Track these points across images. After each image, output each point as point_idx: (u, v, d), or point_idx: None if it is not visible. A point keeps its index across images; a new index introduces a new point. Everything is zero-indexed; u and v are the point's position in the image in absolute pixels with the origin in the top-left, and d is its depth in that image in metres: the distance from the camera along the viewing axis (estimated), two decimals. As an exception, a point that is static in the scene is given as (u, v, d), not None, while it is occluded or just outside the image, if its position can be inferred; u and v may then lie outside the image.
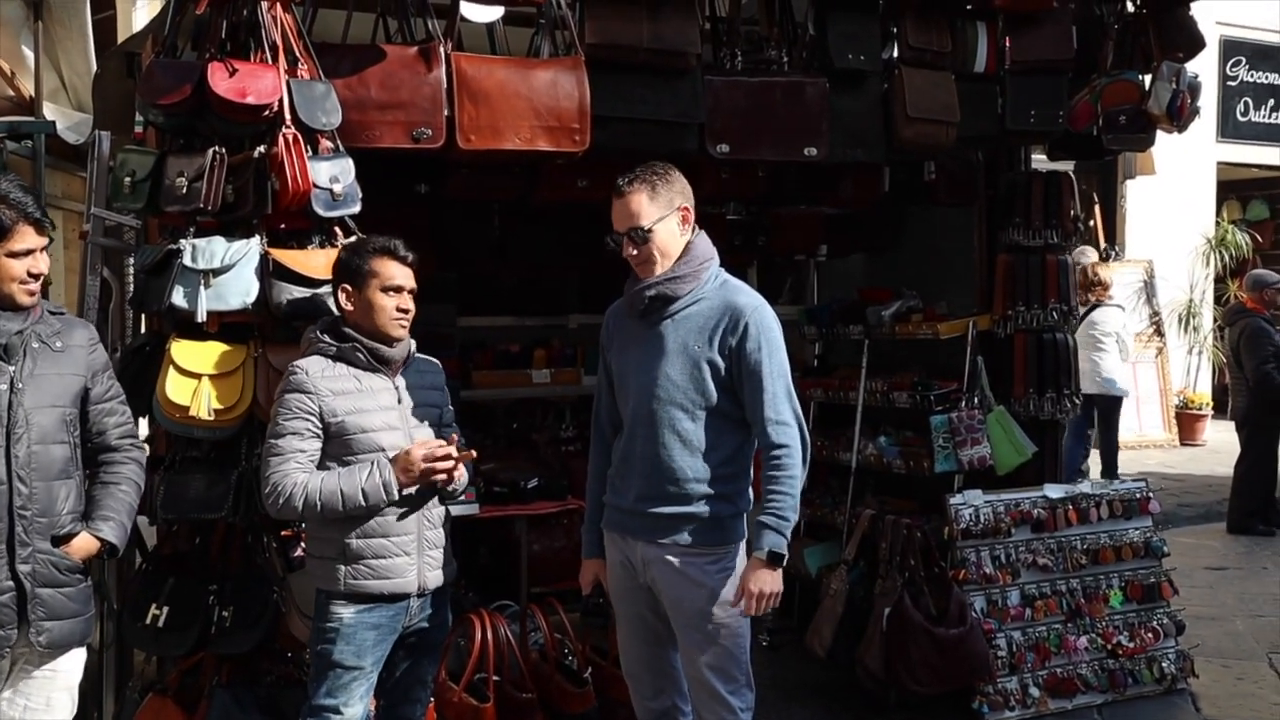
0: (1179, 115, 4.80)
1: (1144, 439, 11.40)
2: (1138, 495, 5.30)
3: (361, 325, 3.22)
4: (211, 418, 3.37)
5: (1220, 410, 10.53)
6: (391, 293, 3.20)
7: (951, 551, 4.94)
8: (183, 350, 3.42)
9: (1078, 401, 5.36)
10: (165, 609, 3.41)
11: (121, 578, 4.02)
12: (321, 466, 3.13)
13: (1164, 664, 5.14)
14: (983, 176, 5.54)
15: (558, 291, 6.37)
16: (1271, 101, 13.33)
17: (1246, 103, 13.08)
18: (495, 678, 4.05)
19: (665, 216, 3.22)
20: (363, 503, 3.08)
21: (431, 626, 3.35)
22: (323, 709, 3.15)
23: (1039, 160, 5.77)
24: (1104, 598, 5.12)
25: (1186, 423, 11.70)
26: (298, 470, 3.08)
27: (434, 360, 3.45)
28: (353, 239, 3.47)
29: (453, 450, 3.17)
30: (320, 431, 3.13)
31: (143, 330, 4.13)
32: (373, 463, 3.11)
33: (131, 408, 3.20)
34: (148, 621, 3.43)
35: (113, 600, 3.99)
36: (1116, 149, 5.19)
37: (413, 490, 3.17)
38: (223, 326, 3.49)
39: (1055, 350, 5.26)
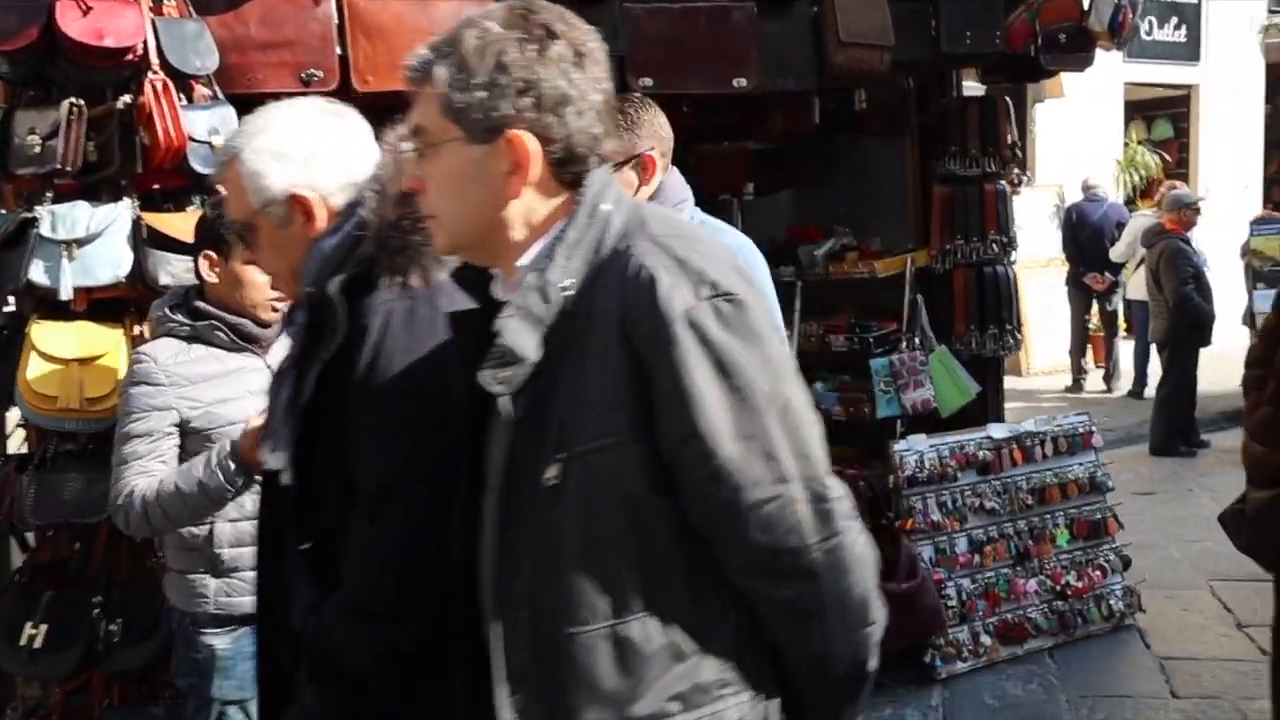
0: (1120, 31, 4.61)
1: (1058, 365, 11.36)
2: (1080, 430, 5.18)
3: (225, 302, 2.69)
4: (84, 408, 3.00)
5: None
6: None
7: (897, 500, 4.75)
8: (45, 333, 3.04)
9: (1019, 337, 5.20)
10: (43, 627, 3.02)
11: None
12: None
13: (1111, 602, 5.07)
14: (914, 104, 5.29)
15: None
16: (1174, 19, 13.33)
17: (1150, 21, 13.02)
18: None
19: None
20: (204, 497, 2.50)
21: None
22: None
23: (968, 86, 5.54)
24: (1051, 538, 5.00)
25: (1100, 345, 11.63)
26: (139, 476, 2.55)
27: None
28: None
29: None
30: (175, 429, 2.61)
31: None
32: (212, 449, 2.55)
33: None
34: (23, 642, 3.03)
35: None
36: (1055, 69, 4.98)
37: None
38: (93, 304, 3.13)
39: (996, 284, 5.08)
